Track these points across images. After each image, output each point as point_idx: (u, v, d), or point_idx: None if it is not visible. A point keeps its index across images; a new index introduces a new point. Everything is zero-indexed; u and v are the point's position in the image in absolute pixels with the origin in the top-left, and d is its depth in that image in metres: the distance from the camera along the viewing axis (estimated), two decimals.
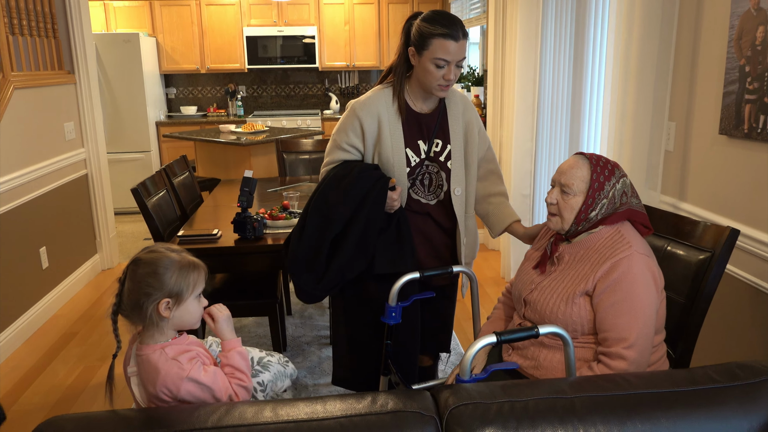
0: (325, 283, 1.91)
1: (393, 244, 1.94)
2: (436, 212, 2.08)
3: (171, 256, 1.46)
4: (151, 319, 1.43)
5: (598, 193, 1.69)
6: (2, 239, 3.34)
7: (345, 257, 1.89)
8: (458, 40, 1.84)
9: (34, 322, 3.63)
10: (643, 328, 1.60)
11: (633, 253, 1.64)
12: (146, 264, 1.43)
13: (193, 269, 1.47)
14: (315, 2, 6.67)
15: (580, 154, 1.75)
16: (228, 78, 7.16)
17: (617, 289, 1.62)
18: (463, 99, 2.11)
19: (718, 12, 2.13)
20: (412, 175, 2.01)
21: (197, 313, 1.50)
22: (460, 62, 1.88)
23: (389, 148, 1.96)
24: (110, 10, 6.47)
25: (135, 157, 6.35)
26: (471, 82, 5.36)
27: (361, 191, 1.88)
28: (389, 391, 1.35)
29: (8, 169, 3.43)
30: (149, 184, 2.90)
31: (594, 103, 3.29)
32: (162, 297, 1.42)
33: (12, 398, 2.92)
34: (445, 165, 2.04)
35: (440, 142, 2.03)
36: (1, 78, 3.45)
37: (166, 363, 1.42)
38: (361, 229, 1.88)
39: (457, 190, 2.05)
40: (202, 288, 1.51)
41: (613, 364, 1.58)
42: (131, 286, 1.42)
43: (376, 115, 1.96)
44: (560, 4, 3.64)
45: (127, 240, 5.50)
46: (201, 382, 1.42)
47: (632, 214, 1.74)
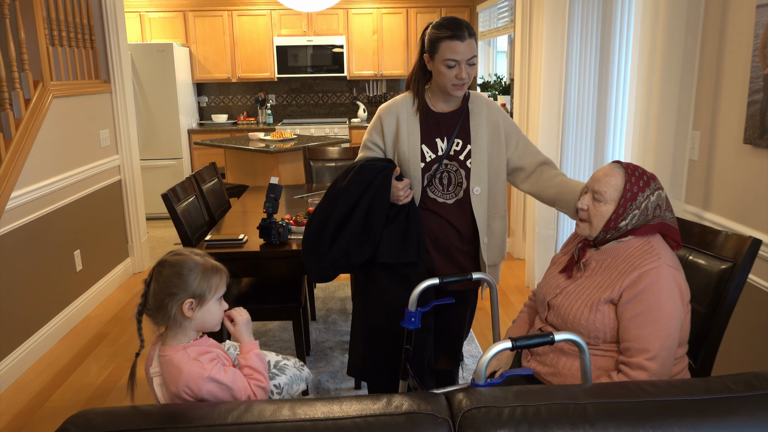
0: (329, 262, 2.02)
1: (399, 235, 2.02)
2: (454, 213, 2.12)
3: (195, 258, 1.51)
4: (175, 319, 1.48)
5: (631, 203, 1.68)
6: (39, 241, 3.46)
7: (347, 238, 1.99)
8: (464, 40, 1.94)
9: (68, 322, 3.74)
10: (667, 340, 1.59)
11: (662, 265, 1.63)
12: (171, 265, 1.48)
13: (216, 272, 1.53)
14: (344, 12, 6.76)
15: (617, 163, 1.74)
16: (258, 87, 7.29)
17: (643, 299, 1.62)
18: (489, 103, 2.16)
19: (743, 21, 2.12)
20: (428, 171, 2.08)
21: (218, 315, 1.55)
22: (471, 60, 1.98)
23: (406, 144, 2.08)
24: (146, 21, 6.66)
25: (167, 164, 6.50)
26: (498, 91, 5.37)
27: (366, 178, 2.00)
28: (404, 393, 1.38)
29: (46, 174, 3.56)
30: (179, 190, 2.98)
31: (619, 112, 3.28)
32: (186, 297, 1.47)
33: (45, 395, 3.02)
34: (464, 163, 2.09)
35: (461, 141, 2.09)
36: (41, 87, 3.58)
37: (188, 363, 1.46)
38: (363, 214, 1.99)
39: (476, 189, 2.09)
40: (223, 291, 1.56)
41: (633, 374, 1.58)
42: (156, 286, 1.48)
43: (395, 114, 2.11)
44: (586, 14, 3.64)
45: (158, 244, 5.62)
46: (221, 382, 1.46)
47: (664, 228, 1.72)
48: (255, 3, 6.73)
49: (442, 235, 2.12)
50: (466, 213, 2.12)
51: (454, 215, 2.12)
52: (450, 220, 2.12)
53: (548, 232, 4.15)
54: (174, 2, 6.65)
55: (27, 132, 3.37)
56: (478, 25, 6.47)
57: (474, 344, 3.42)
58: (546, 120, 4.00)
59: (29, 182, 3.37)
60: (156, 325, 1.52)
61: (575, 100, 3.86)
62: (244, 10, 6.74)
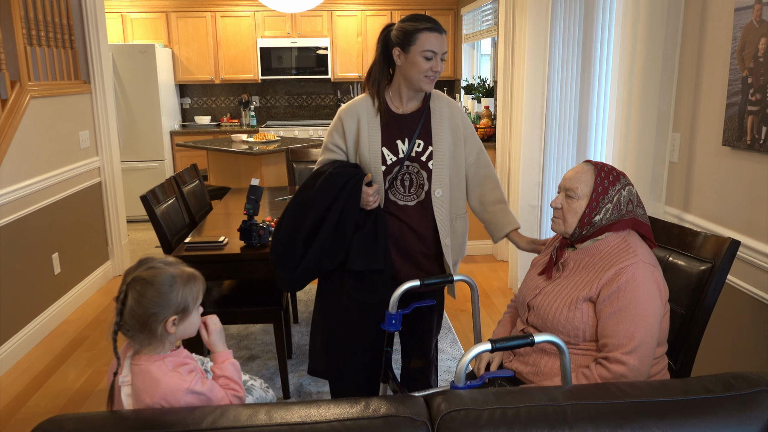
0: (301, 270, 2.01)
1: (368, 242, 2.01)
2: (415, 215, 2.10)
3: (171, 271, 1.43)
4: (159, 336, 1.42)
5: (602, 197, 1.70)
6: (16, 244, 3.40)
7: (320, 246, 1.99)
8: (442, 33, 1.99)
9: (45, 326, 3.68)
10: (645, 336, 1.60)
11: (638, 261, 1.65)
12: (149, 284, 1.40)
13: (194, 281, 1.47)
14: (328, 14, 6.74)
15: (587, 162, 1.78)
16: (242, 88, 7.24)
17: (620, 296, 1.62)
18: (451, 103, 2.17)
19: (721, 24, 2.14)
20: (389, 174, 2.07)
21: (198, 323, 1.51)
22: (444, 55, 2.01)
23: (366, 146, 2.06)
24: (127, 22, 6.59)
25: (149, 166, 6.43)
26: (482, 94, 5.39)
27: (336, 185, 1.99)
28: (383, 396, 1.36)
29: (23, 176, 3.50)
30: (159, 192, 2.95)
31: (601, 114, 3.30)
32: (170, 315, 1.42)
33: (22, 400, 2.97)
34: (426, 165, 2.08)
35: (422, 142, 2.08)
36: (18, 87, 3.53)
37: (167, 374, 1.41)
38: (335, 221, 1.98)
39: (437, 192, 2.08)
40: (201, 298, 1.51)
41: (612, 367, 1.59)
42: (136, 307, 1.40)
43: (356, 116, 2.09)
44: (568, 17, 3.66)
45: (139, 247, 5.56)
46: (200, 392, 1.42)
47: (636, 224, 1.74)
48: (238, 4, 6.69)
49: (402, 239, 2.10)
50: (428, 215, 2.11)
51: (415, 218, 2.10)
52: (410, 224, 2.10)
53: (531, 234, 4.16)
54: (156, 3, 6.59)
55: (3, 133, 3.31)
56: (462, 27, 6.48)
57: (457, 346, 3.42)
58: (529, 122, 4.01)
59: (6, 184, 3.31)
60: (133, 342, 1.45)
61: (558, 102, 3.88)
62: (228, 12, 6.70)
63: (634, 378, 1.59)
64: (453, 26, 6.85)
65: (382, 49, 2.06)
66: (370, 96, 2.10)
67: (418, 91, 2.06)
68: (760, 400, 1.28)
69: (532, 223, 4.15)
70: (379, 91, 2.08)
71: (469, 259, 4.99)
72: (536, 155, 4.05)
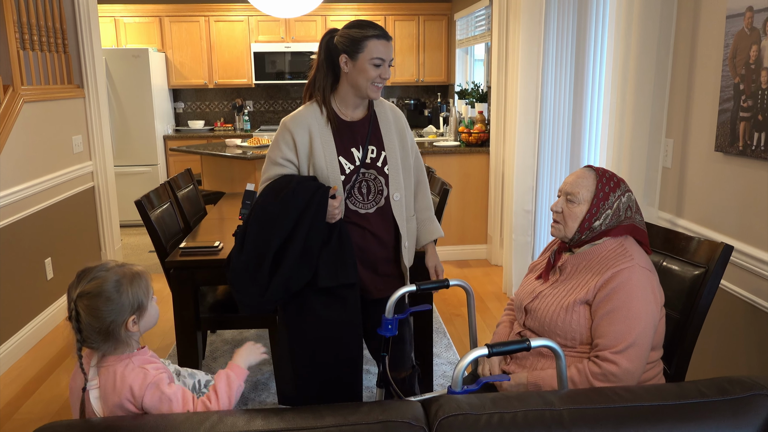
0: (270, 294, 1.91)
1: (335, 256, 1.95)
2: (376, 222, 2.07)
3: (112, 276, 1.43)
4: (124, 339, 1.43)
5: (603, 202, 1.72)
6: (8, 249, 3.38)
7: (288, 268, 1.89)
8: (389, 40, 1.98)
9: (37, 332, 3.66)
10: (637, 338, 1.61)
11: (634, 265, 1.66)
12: (95, 295, 1.40)
13: (139, 277, 1.48)
14: (322, 19, 6.76)
15: (588, 167, 1.79)
16: (235, 93, 7.24)
17: (614, 297, 1.64)
18: (393, 108, 2.18)
19: (713, 31, 2.16)
20: (347, 183, 2.02)
21: (155, 314, 1.52)
22: (391, 62, 2.00)
23: (322, 158, 1.99)
24: (121, 26, 6.58)
25: (142, 171, 6.41)
26: (475, 99, 5.41)
27: (302, 201, 1.90)
28: (381, 401, 1.37)
29: (17, 181, 3.49)
30: (153, 197, 2.94)
31: (594, 119, 3.32)
32: (128, 315, 1.43)
33: (14, 407, 2.95)
34: (382, 170, 2.07)
35: (374, 148, 2.07)
36: (11, 92, 3.51)
37: (133, 371, 1.42)
38: (303, 239, 1.90)
39: (395, 195, 2.08)
40: (152, 288, 1.51)
41: (603, 365, 1.60)
42: (92, 321, 1.40)
43: (307, 127, 2.00)
44: (561, 23, 3.69)
45: (132, 252, 5.54)
46: (163, 392, 1.41)
47: (634, 230, 1.76)
48: (232, 9, 6.69)
49: (366, 247, 2.06)
50: (387, 220, 2.09)
51: (376, 224, 2.07)
52: (372, 231, 2.06)
53: (525, 238, 4.18)
54: (150, 7, 6.59)
55: None
56: (456, 32, 6.51)
57: (452, 351, 3.42)
58: (522, 127, 4.03)
59: None
60: (99, 351, 1.45)
61: (551, 107, 3.90)
62: (221, 16, 6.70)
63: (626, 379, 1.60)
64: (446, 31, 6.88)
65: (326, 55, 2.01)
66: (317, 104, 2.03)
67: (365, 98, 2.04)
68: (755, 403, 1.29)
69: (526, 227, 4.16)
70: (325, 99, 2.02)
71: (463, 263, 5.00)
72: (530, 160, 4.06)
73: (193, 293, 2.61)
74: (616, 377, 1.58)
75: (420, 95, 7.36)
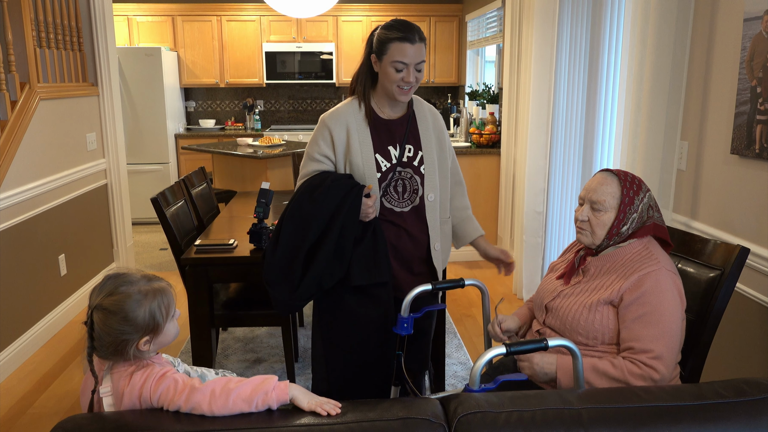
0: (302, 291, 1.92)
1: (369, 254, 1.95)
2: (411, 221, 2.07)
3: (134, 292, 1.40)
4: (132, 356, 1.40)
5: (629, 207, 1.72)
6: (23, 245, 3.42)
7: (321, 266, 1.90)
8: (414, 43, 1.91)
9: (51, 327, 3.69)
10: (669, 341, 1.62)
11: (661, 268, 1.67)
12: (113, 312, 1.37)
13: (160, 294, 1.43)
14: (333, 19, 6.78)
15: (607, 171, 1.78)
16: (246, 92, 7.27)
17: (645, 302, 1.64)
18: (432, 110, 2.17)
19: (730, 34, 2.16)
20: (383, 181, 2.02)
21: (174, 332, 1.47)
22: (419, 65, 1.94)
23: (359, 155, 1.99)
24: (134, 25, 6.62)
25: (153, 169, 6.45)
26: (486, 100, 5.41)
27: (336, 199, 1.91)
28: (399, 398, 1.38)
29: (32, 177, 3.52)
30: (168, 195, 2.96)
31: (608, 121, 3.32)
32: (141, 336, 1.39)
33: (27, 402, 2.97)
34: (418, 170, 2.06)
35: (412, 147, 2.07)
36: (27, 89, 3.55)
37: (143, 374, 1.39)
38: (336, 237, 1.90)
39: (430, 196, 2.08)
40: (174, 306, 1.47)
41: (645, 369, 1.60)
42: (104, 335, 1.38)
43: (345, 124, 2.01)
44: (575, 25, 3.69)
45: (144, 249, 5.57)
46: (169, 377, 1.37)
47: (656, 229, 1.76)
48: (244, 8, 6.72)
49: (401, 246, 2.06)
50: (422, 220, 2.09)
51: (411, 223, 2.07)
52: (408, 229, 2.06)
53: (536, 240, 4.18)
54: (162, 6, 6.63)
55: (13, 134, 3.33)
56: (467, 34, 6.52)
57: (462, 351, 3.43)
58: (534, 128, 4.03)
59: (14, 185, 3.33)
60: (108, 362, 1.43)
61: (564, 109, 3.90)
62: (234, 16, 6.73)
63: (661, 383, 1.60)
64: (458, 33, 6.89)
65: (367, 51, 2.02)
66: (357, 100, 2.04)
67: (393, 100, 2.02)
68: None
69: (537, 229, 4.17)
70: (365, 95, 2.03)
71: (473, 264, 5.01)
72: (542, 161, 4.07)
73: (208, 290, 2.63)
74: (655, 382, 1.59)
75: (430, 96, 7.37)
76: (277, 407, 1.32)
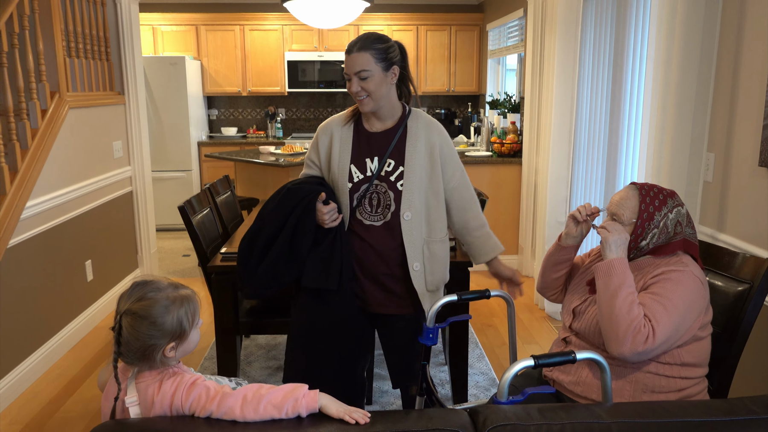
0: (256, 280, 2.05)
1: (322, 260, 2.02)
2: (379, 236, 2.05)
3: (163, 299, 1.43)
4: (158, 362, 1.43)
5: (647, 223, 1.72)
6: (52, 251, 3.48)
7: (273, 260, 2.03)
8: (351, 53, 1.96)
9: (77, 332, 3.75)
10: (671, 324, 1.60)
11: (689, 271, 1.67)
12: (141, 318, 1.40)
13: (187, 301, 1.46)
14: (355, 29, 6.83)
15: (633, 185, 1.79)
16: (268, 100, 7.34)
17: (660, 285, 1.66)
18: (430, 123, 2.10)
19: (757, 46, 2.15)
20: (356, 192, 2.04)
21: (197, 340, 1.50)
22: (361, 73, 1.94)
23: (336, 163, 2.07)
24: (158, 34, 6.73)
25: (176, 176, 6.54)
26: (508, 109, 5.41)
27: (292, 201, 2.02)
28: (427, 409, 1.39)
29: (61, 184, 3.59)
30: (194, 202, 3.00)
31: (632, 132, 3.30)
32: (168, 342, 1.42)
33: (55, 405, 3.02)
34: (394, 185, 2.03)
35: (393, 162, 2.04)
36: (57, 98, 3.62)
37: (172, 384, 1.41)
38: (288, 238, 2.01)
39: (406, 215, 2.02)
40: (199, 314, 1.49)
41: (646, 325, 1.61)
42: (131, 340, 1.40)
43: (330, 133, 2.11)
44: (599, 34, 3.68)
45: (167, 256, 5.64)
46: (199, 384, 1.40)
47: (686, 245, 1.75)
48: (267, 18, 6.80)
49: (366, 260, 2.06)
50: (394, 237, 2.04)
51: (379, 239, 2.04)
52: (373, 245, 2.04)
53: None
54: (187, 16, 6.73)
55: (43, 142, 3.40)
56: (488, 43, 6.52)
57: (484, 361, 3.42)
58: (557, 138, 4.02)
59: (44, 192, 3.40)
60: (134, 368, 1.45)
61: (587, 118, 3.90)
62: (256, 25, 6.81)
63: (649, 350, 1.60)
64: (479, 42, 6.90)
65: None
66: (349, 112, 2.12)
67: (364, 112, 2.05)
68: None
69: None
70: (355, 108, 2.11)
71: None
72: (564, 171, 4.06)
73: (233, 298, 2.66)
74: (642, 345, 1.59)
75: (450, 105, 7.38)
76: (307, 414, 1.34)
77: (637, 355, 1.60)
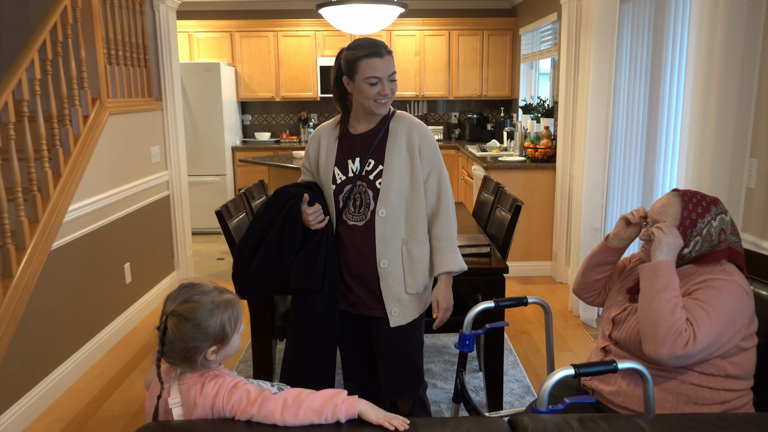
0: (244, 279, 2.12)
1: (307, 261, 2.07)
2: (360, 236, 2.07)
3: (207, 301, 1.46)
4: (200, 365, 1.46)
5: (690, 230, 1.69)
6: (92, 254, 3.57)
7: (260, 261, 2.08)
8: (383, 57, 1.98)
9: (116, 333, 3.84)
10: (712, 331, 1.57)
11: (732, 280, 1.64)
12: (186, 319, 1.43)
13: (231, 306, 1.49)
14: (387, 33, 6.85)
15: (675, 191, 1.76)
16: (301, 106, 7.41)
17: (703, 292, 1.63)
18: (412, 124, 2.10)
19: None
20: (340, 193, 2.08)
21: (238, 345, 1.52)
22: (392, 76, 2.01)
23: (323, 167, 2.13)
24: (194, 41, 6.85)
25: (211, 180, 6.64)
26: (541, 114, 5.37)
27: (279, 203, 2.09)
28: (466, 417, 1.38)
29: (101, 189, 3.68)
30: (231, 207, 3.05)
31: (671, 137, 3.24)
32: (209, 345, 1.44)
33: (95, 405, 3.09)
34: (373, 184, 2.06)
35: (373, 161, 2.07)
36: (98, 105, 3.72)
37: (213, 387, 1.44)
38: (275, 239, 2.07)
39: (381, 212, 2.04)
40: (241, 320, 1.52)
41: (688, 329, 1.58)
42: (175, 341, 1.43)
43: (318, 138, 2.18)
44: (635, 35, 3.63)
45: (202, 259, 5.73)
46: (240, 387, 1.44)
47: (731, 254, 1.72)
48: (300, 24, 6.87)
49: (349, 260, 2.09)
50: (373, 235, 2.06)
51: (359, 238, 2.07)
52: (356, 244, 2.07)
53: None
54: (222, 23, 6.84)
55: (85, 147, 3.49)
56: (521, 48, 6.48)
57: (519, 368, 3.39)
58: (593, 143, 3.97)
59: (86, 196, 3.49)
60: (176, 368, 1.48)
61: (623, 122, 3.84)
62: (290, 31, 6.89)
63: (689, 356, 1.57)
64: (511, 46, 6.86)
65: (336, 75, 2.07)
66: (338, 118, 2.17)
67: (373, 115, 2.06)
68: None
69: (594, 245, 4.09)
70: (343, 113, 2.14)
71: (527, 280, 4.95)
72: (600, 177, 4.00)
73: (270, 301, 2.69)
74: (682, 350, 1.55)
75: (483, 109, 7.35)
76: (346, 420, 1.36)
77: (675, 359, 1.56)
